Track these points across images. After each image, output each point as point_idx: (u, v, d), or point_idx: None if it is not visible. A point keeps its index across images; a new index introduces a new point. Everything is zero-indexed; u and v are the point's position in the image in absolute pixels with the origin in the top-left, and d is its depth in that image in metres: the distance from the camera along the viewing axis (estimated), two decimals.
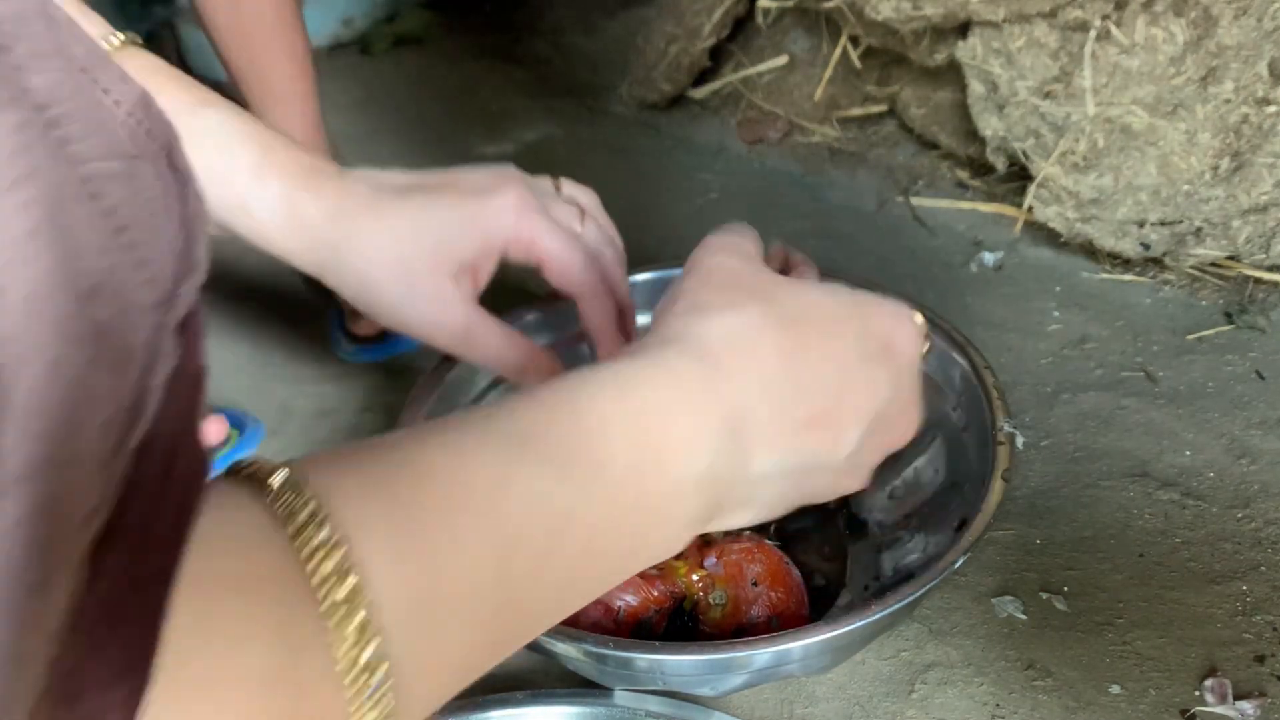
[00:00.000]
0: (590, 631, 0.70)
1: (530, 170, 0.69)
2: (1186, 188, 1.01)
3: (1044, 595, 0.81)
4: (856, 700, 0.75)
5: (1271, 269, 1.03)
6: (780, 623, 0.73)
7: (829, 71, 1.32)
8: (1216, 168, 1.01)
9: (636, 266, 0.83)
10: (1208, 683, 0.74)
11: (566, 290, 0.67)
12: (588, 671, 0.72)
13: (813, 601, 0.78)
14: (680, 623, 0.74)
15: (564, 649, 0.69)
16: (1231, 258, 1.04)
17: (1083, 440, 0.92)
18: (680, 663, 0.68)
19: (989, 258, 1.12)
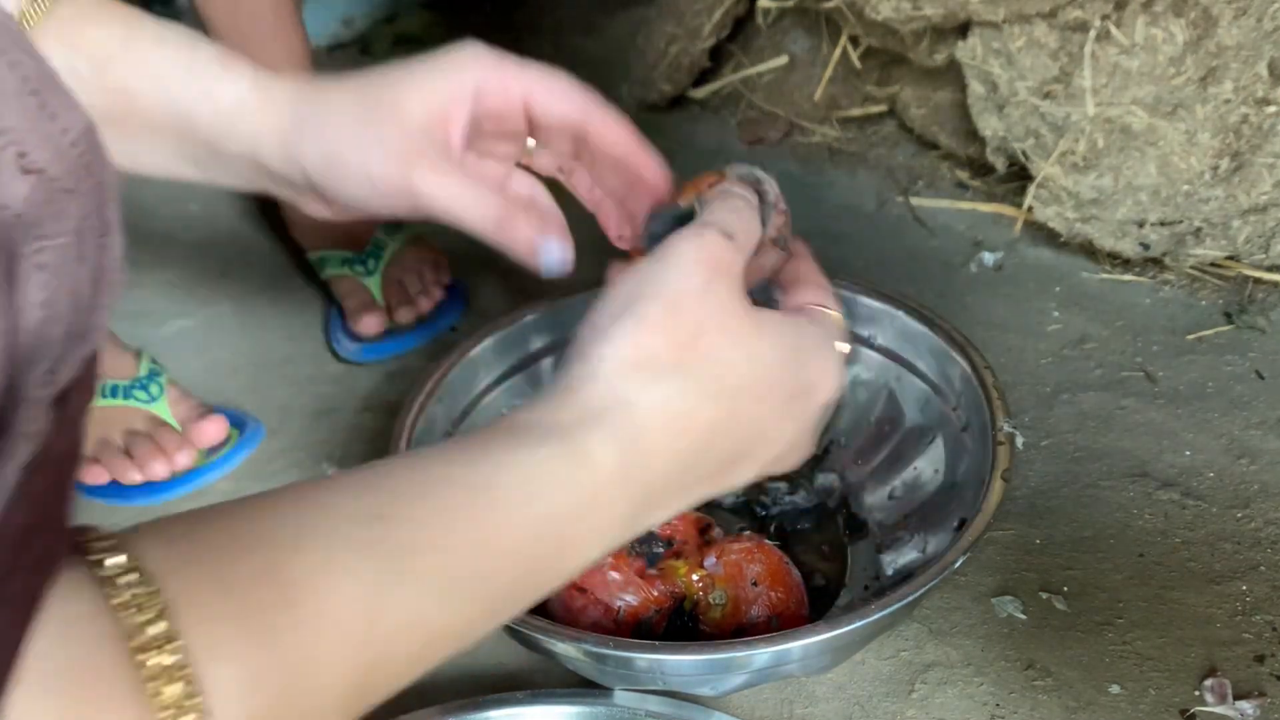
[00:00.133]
0: (590, 631, 0.70)
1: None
2: (1186, 188, 1.01)
3: (1044, 595, 0.81)
4: (856, 700, 0.75)
5: (1271, 269, 1.03)
6: (780, 623, 0.73)
7: (829, 72, 1.32)
8: (1216, 168, 1.01)
9: None
10: (1207, 682, 0.74)
11: (566, 120, 0.62)
12: (588, 671, 0.72)
13: (813, 601, 0.78)
14: (680, 623, 0.74)
15: (564, 649, 0.69)
16: (1231, 258, 1.04)
17: (1082, 440, 0.92)
18: (680, 663, 0.68)
19: (989, 258, 1.12)
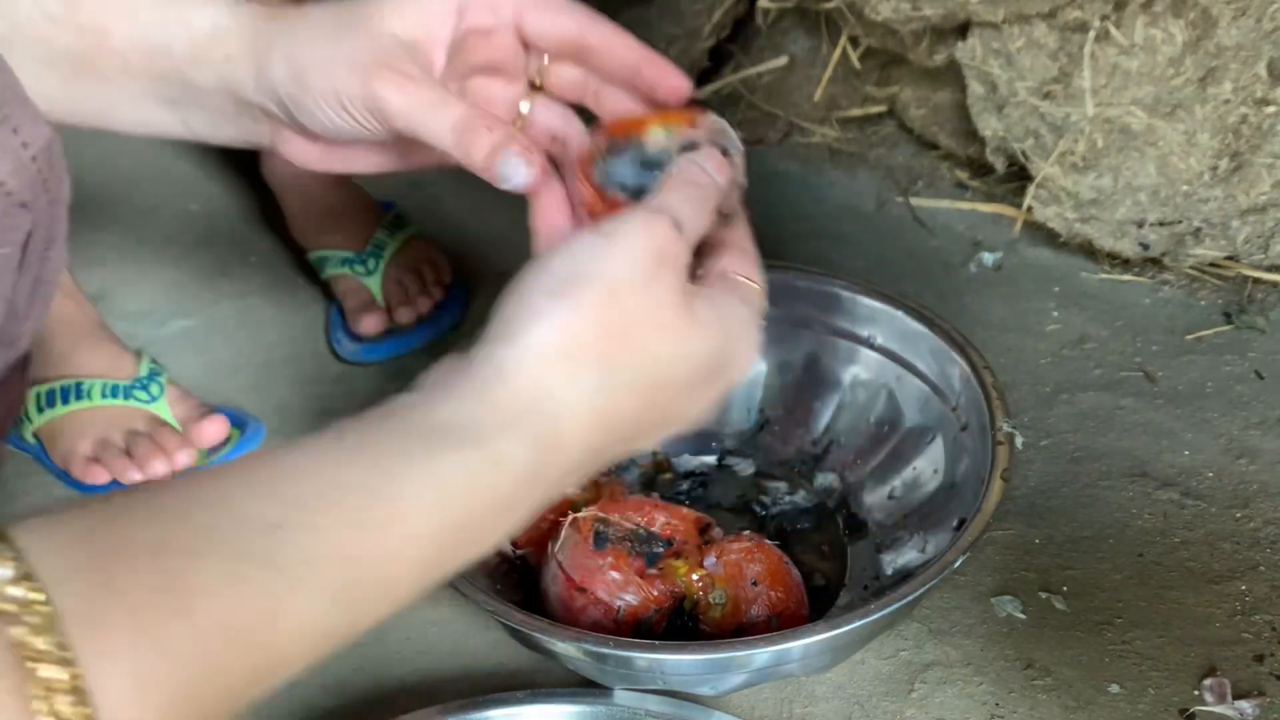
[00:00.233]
0: (590, 631, 0.70)
1: None
2: (1185, 188, 1.01)
3: (1043, 595, 0.81)
4: (856, 699, 0.75)
5: (1270, 269, 1.04)
6: (780, 622, 0.73)
7: (829, 72, 1.32)
8: (1215, 168, 1.01)
9: None
10: (1207, 682, 0.74)
11: (564, 38, 0.58)
12: (588, 671, 0.72)
13: (812, 601, 0.78)
14: (680, 622, 0.74)
15: (564, 648, 0.69)
16: (1230, 258, 1.04)
17: (1082, 440, 0.92)
18: (680, 662, 0.68)
19: (988, 258, 1.12)
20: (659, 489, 0.88)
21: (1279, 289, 1.04)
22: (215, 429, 0.96)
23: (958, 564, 0.69)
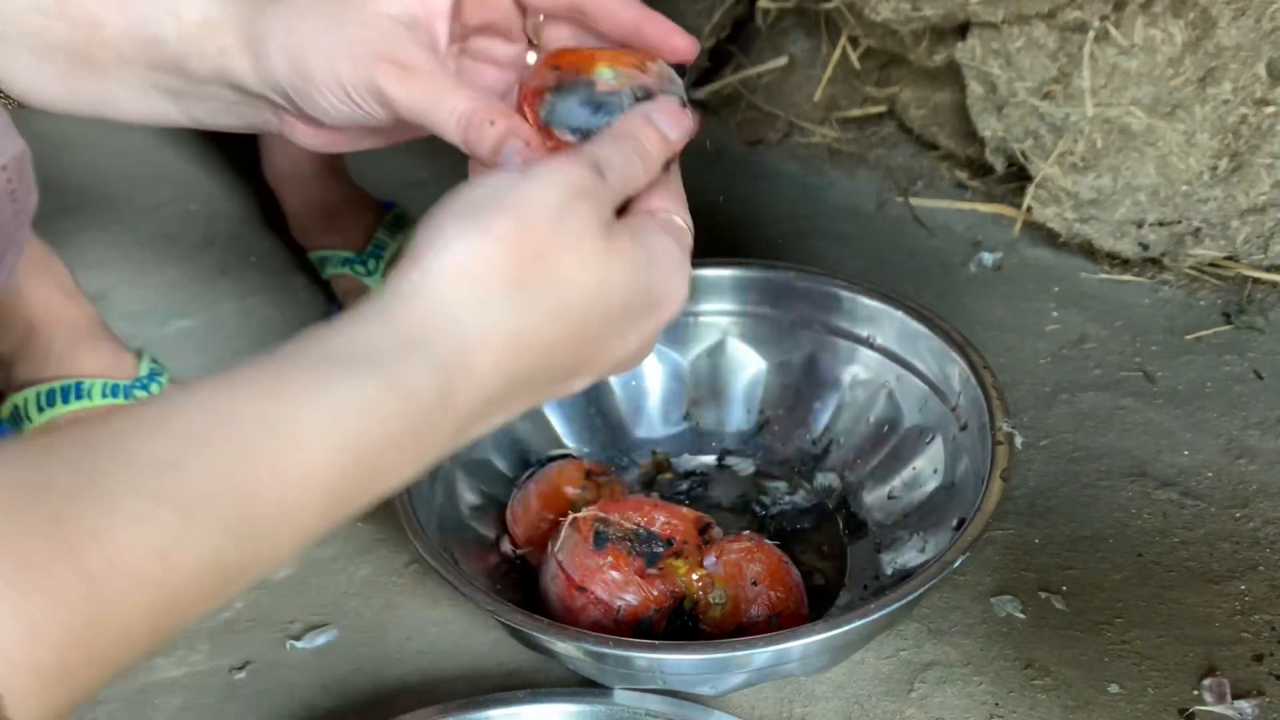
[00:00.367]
0: (590, 631, 0.71)
1: None
2: (1185, 188, 1.02)
3: (1043, 594, 0.81)
4: (856, 699, 0.75)
5: (1270, 269, 1.04)
6: (780, 622, 0.73)
7: (828, 72, 1.32)
8: (1215, 168, 1.01)
9: None
10: (1206, 682, 0.74)
11: None
12: (588, 670, 0.72)
13: (812, 601, 0.78)
14: (680, 622, 0.74)
15: (564, 648, 0.69)
16: (1230, 258, 1.04)
17: (1081, 440, 0.92)
18: (680, 662, 0.68)
19: (988, 258, 1.12)
20: (659, 489, 0.88)
21: (1278, 289, 1.04)
22: None
23: (957, 564, 0.69)
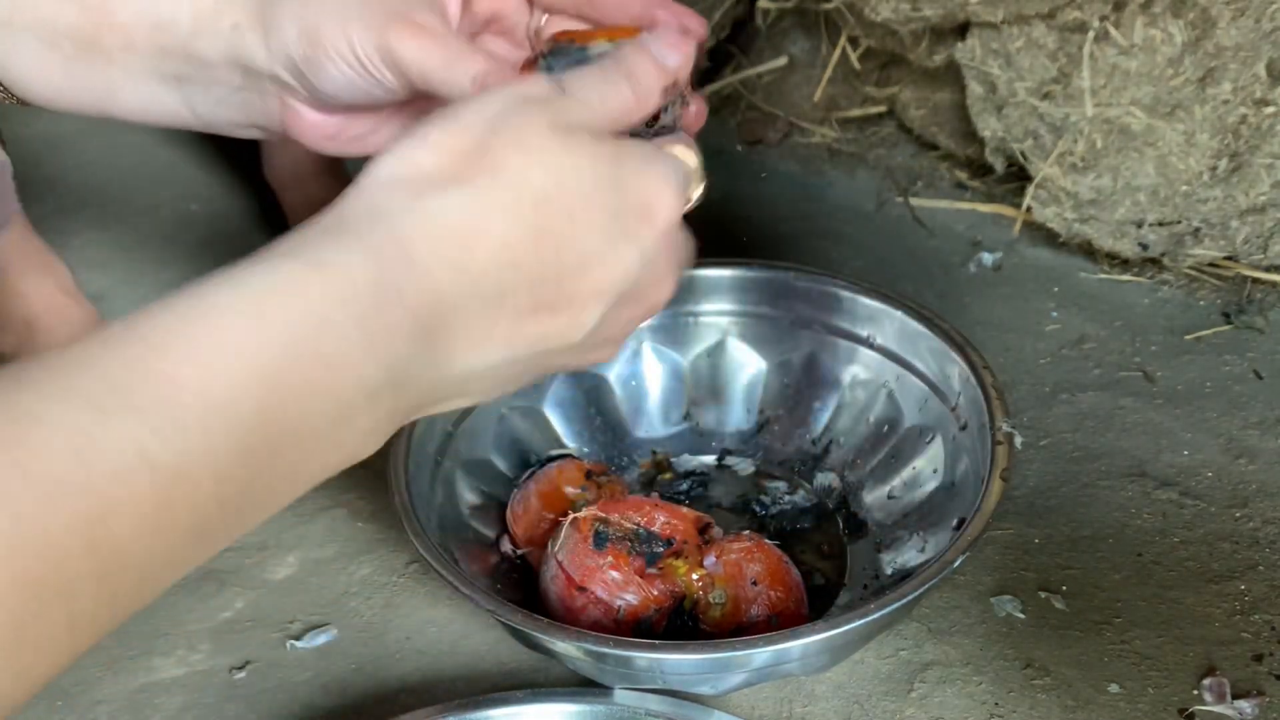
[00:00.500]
0: (590, 630, 0.71)
1: None
2: (1185, 188, 1.02)
3: (1042, 594, 0.81)
4: (856, 699, 0.75)
5: (1269, 269, 1.04)
6: (780, 622, 0.73)
7: (828, 72, 1.32)
8: (1215, 168, 1.01)
9: None
10: (1206, 682, 0.74)
11: None
12: (588, 670, 0.72)
13: (812, 601, 0.78)
14: (680, 622, 0.74)
15: (564, 648, 0.69)
16: (1229, 258, 1.05)
17: (1081, 440, 0.92)
18: (680, 661, 0.68)
19: (988, 258, 1.12)
20: (659, 489, 0.88)
21: (1278, 289, 1.04)
22: None
23: (957, 564, 0.70)
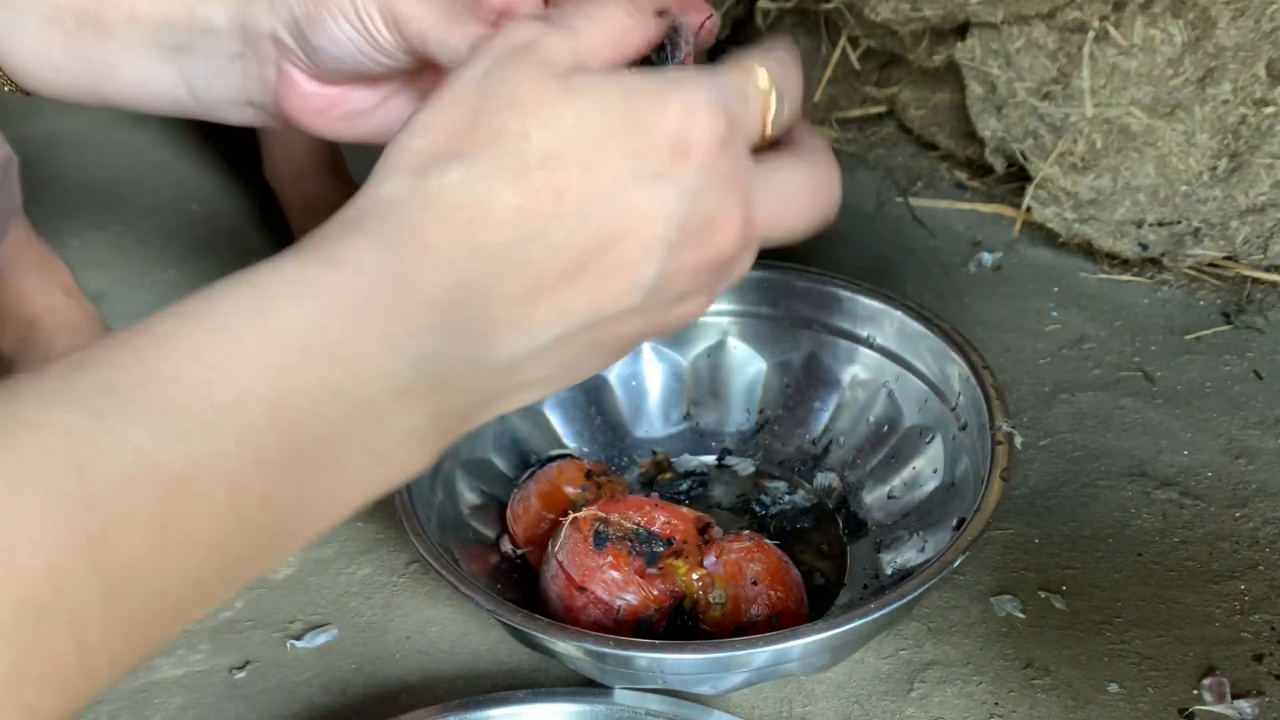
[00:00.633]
0: (590, 630, 0.71)
1: None
2: (1185, 188, 1.02)
3: (1042, 594, 0.81)
4: (855, 699, 0.75)
5: (1269, 269, 1.04)
6: (780, 621, 0.73)
7: (828, 72, 1.32)
8: (1214, 168, 1.01)
9: None
10: (1206, 681, 0.74)
11: None
12: (588, 670, 0.72)
13: (812, 600, 0.78)
14: (680, 622, 0.74)
15: (564, 648, 0.69)
16: (1229, 258, 1.05)
17: (1081, 440, 0.92)
18: (680, 661, 0.68)
19: (988, 258, 1.12)
20: (659, 489, 0.88)
21: (1278, 289, 1.04)
22: None
23: (957, 564, 0.70)
